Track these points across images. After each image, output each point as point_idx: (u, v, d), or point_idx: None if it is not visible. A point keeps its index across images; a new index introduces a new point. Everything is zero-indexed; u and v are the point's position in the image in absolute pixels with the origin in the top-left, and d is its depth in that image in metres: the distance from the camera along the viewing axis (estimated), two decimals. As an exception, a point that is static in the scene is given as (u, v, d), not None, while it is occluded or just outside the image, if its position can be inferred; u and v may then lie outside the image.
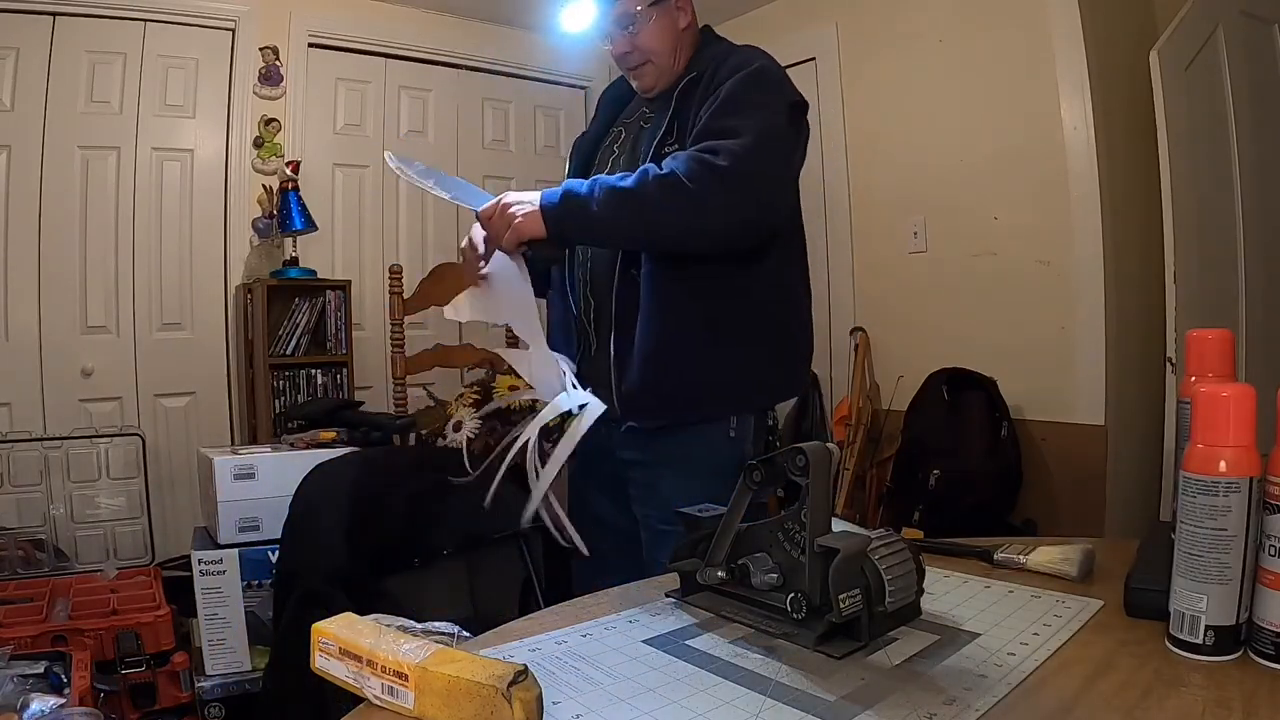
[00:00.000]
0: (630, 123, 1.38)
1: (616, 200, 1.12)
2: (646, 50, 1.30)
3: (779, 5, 3.25)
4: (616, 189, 1.13)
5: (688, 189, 1.10)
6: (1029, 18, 2.45)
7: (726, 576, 0.75)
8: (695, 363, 1.22)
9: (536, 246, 1.16)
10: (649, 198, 1.12)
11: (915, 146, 2.78)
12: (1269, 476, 0.62)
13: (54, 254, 2.65)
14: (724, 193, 1.12)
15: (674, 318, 1.22)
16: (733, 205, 1.13)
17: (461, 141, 3.44)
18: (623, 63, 1.34)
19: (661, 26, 1.29)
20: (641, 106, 1.38)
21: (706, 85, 1.23)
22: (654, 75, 1.33)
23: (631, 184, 1.13)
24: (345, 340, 2.88)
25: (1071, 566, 0.85)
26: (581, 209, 1.14)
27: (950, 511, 2.36)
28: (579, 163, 1.42)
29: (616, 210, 1.13)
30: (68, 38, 2.63)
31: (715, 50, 1.31)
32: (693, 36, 1.35)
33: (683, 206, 1.11)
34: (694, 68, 1.29)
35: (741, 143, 1.12)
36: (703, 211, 1.12)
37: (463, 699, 0.55)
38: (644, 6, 1.27)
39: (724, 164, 1.10)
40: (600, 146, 1.41)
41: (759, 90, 1.19)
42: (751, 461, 0.75)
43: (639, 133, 1.34)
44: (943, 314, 2.74)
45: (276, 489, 1.79)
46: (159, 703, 1.83)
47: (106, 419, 2.66)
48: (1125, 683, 0.60)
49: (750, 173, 1.12)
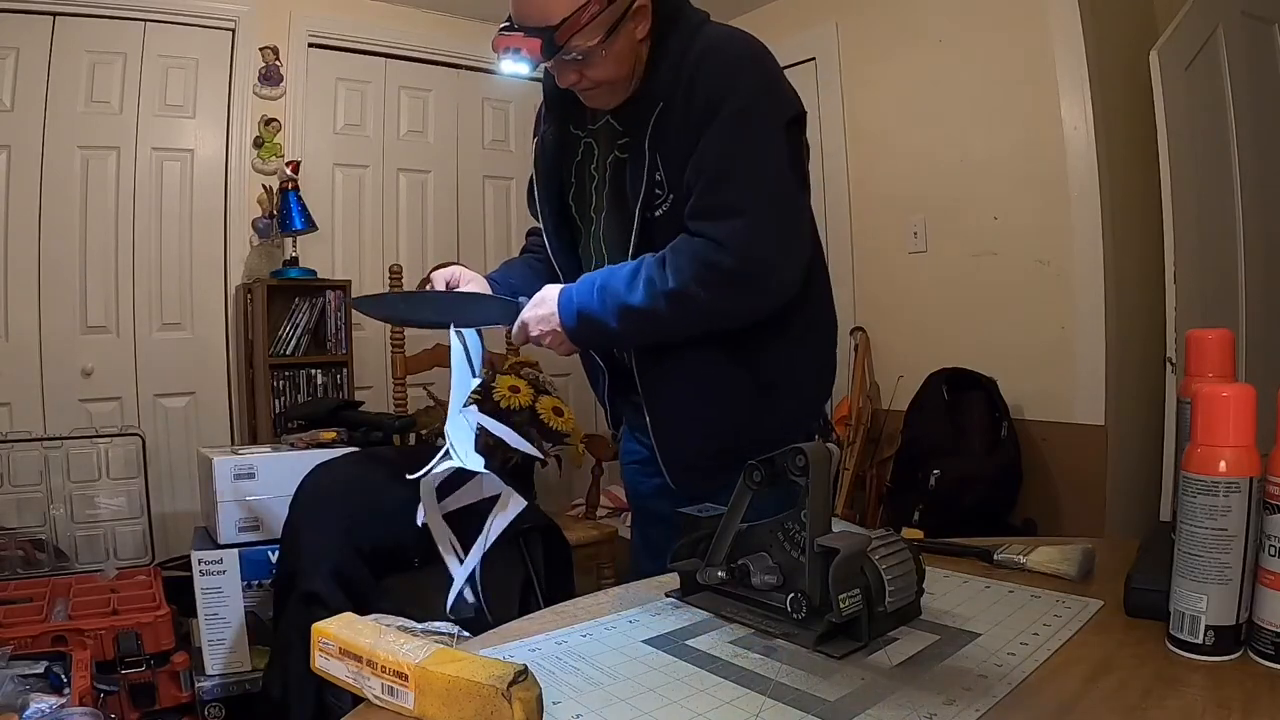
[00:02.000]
0: (597, 133, 1.19)
1: (634, 319, 1.06)
2: (599, 80, 1.09)
3: (779, 5, 3.25)
4: (631, 308, 1.05)
5: (700, 301, 1.03)
6: (1029, 18, 2.44)
7: (726, 576, 0.75)
8: (746, 419, 1.14)
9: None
10: (663, 318, 1.05)
11: (915, 146, 2.78)
12: (1269, 476, 0.62)
13: (54, 254, 2.65)
14: (738, 296, 1.04)
15: (710, 372, 1.13)
16: (752, 303, 1.07)
17: (461, 141, 3.43)
18: (569, 87, 1.12)
19: (617, 54, 1.06)
20: (606, 115, 1.18)
21: (684, 114, 1.05)
22: (607, 97, 1.13)
23: (642, 301, 1.04)
24: (345, 340, 2.88)
25: (1071, 566, 0.85)
26: (602, 329, 1.08)
27: (950, 511, 2.36)
28: (549, 187, 1.25)
29: (637, 328, 1.08)
30: (68, 38, 2.63)
31: (680, 46, 1.08)
32: (651, 33, 1.11)
33: (699, 319, 1.06)
34: (660, 78, 1.08)
35: (747, 226, 1.01)
36: (722, 315, 1.07)
37: (463, 699, 0.55)
38: (596, 42, 1.03)
39: (732, 264, 1.01)
40: (571, 161, 1.23)
41: (750, 131, 1.03)
42: (752, 461, 0.75)
43: (618, 171, 1.15)
44: (943, 314, 2.74)
45: (276, 489, 1.79)
46: (159, 703, 1.83)
47: (106, 419, 2.66)
48: (1125, 683, 0.60)
49: (762, 260, 1.03)
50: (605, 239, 1.19)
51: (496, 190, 3.51)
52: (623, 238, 1.15)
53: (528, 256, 1.37)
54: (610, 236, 1.18)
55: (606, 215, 1.19)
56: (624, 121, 1.14)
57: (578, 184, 1.23)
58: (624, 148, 1.15)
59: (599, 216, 1.20)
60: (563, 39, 1.02)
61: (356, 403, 2.53)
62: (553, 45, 1.02)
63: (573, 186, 1.24)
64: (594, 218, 1.21)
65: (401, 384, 2.40)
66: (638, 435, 1.34)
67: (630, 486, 1.40)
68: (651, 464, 1.33)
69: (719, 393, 1.14)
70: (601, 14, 1.02)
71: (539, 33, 1.02)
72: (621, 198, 1.15)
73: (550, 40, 1.02)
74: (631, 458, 1.38)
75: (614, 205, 1.17)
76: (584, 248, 1.24)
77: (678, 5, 1.13)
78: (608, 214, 1.18)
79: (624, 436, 1.39)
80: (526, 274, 1.30)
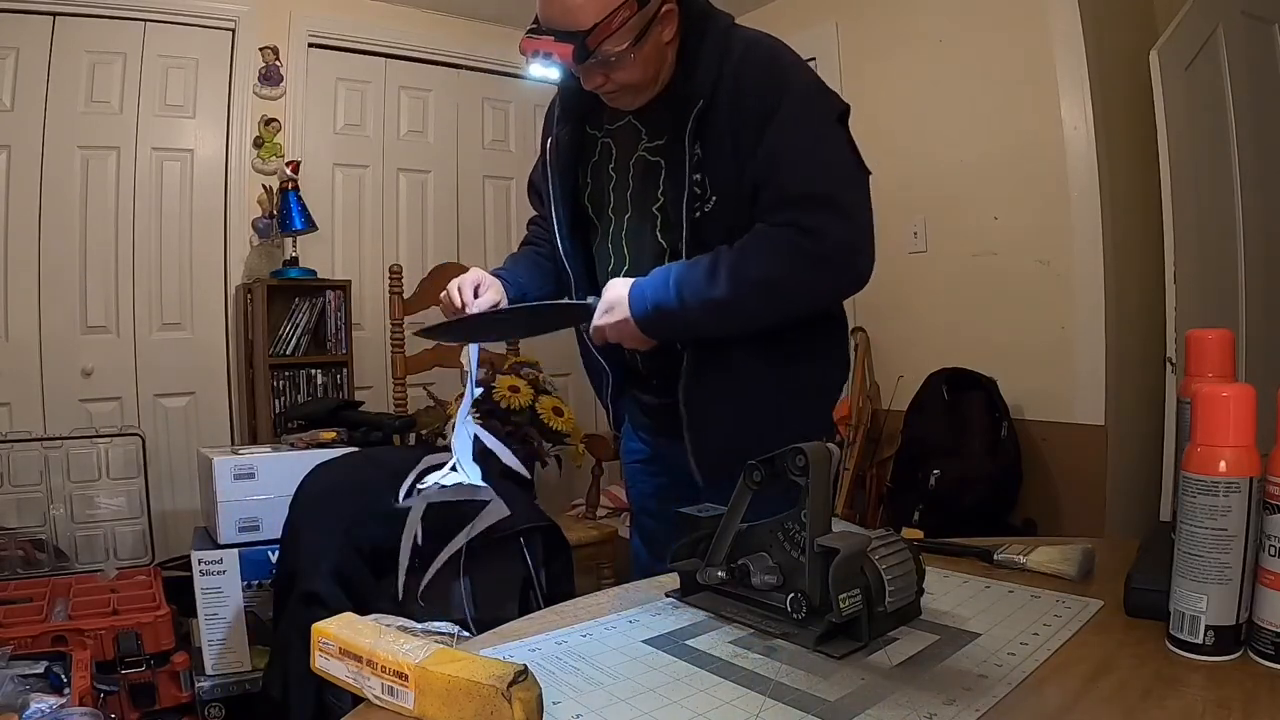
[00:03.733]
0: (616, 133, 1.19)
1: (716, 310, 1.04)
2: (625, 83, 1.09)
3: (779, 5, 3.25)
4: (714, 300, 1.03)
5: (790, 288, 1.04)
6: (1029, 18, 2.44)
7: (726, 576, 0.75)
8: (783, 417, 1.16)
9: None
10: (748, 307, 1.05)
11: (915, 146, 2.78)
12: (1269, 476, 0.62)
13: (54, 254, 2.65)
14: (827, 280, 1.06)
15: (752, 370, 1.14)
16: (839, 286, 1.09)
17: (461, 141, 3.43)
18: (594, 89, 1.12)
19: (645, 57, 1.06)
20: (627, 115, 1.18)
21: (731, 112, 1.05)
22: (631, 98, 1.13)
23: (726, 292, 1.03)
24: (345, 340, 2.88)
25: (1071, 566, 0.85)
26: (678, 320, 1.06)
27: (950, 511, 2.36)
28: (564, 186, 1.23)
29: (717, 319, 1.06)
30: (68, 38, 2.63)
31: (716, 47, 1.08)
32: (677, 38, 1.11)
33: (786, 305, 1.07)
34: (697, 78, 1.07)
35: (831, 212, 1.02)
36: (810, 300, 1.08)
37: (463, 699, 0.55)
38: (626, 46, 1.03)
39: (821, 250, 1.02)
40: (588, 161, 1.23)
41: (814, 124, 1.06)
42: (751, 461, 0.75)
43: (645, 171, 1.15)
44: (943, 314, 2.74)
45: (276, 489, 1.79)
46: (159, 703, 1.83)
47: (106, 419, 2.66)
48: (1125, 683, 0.60)
49: (849, 244, 1.04)
50: (627, 238, 1.19)
51: (496, 190, 3.51)
52: (649, 237, 1.15)
53: (530, 250, 1.36)
54: (634, 236, 1.18)
55: (630, 216, 1.18)
56: (652, 122, 1.14)
57: (594, 184, 1.23)
58: (654, 150, 1.14)
59: (619, 217, 1.20)
60: (594, 44, 1.02)
61: (356, 403, 2.53)
62: (584, 50, 1.02)
63: (589, 186, 1.23)
64: (612, 218, 1.21)
65: (401, 384, 2.40)
66: (640, 434, 1.34)
67: (632, 485, 1.40)
68: (654, 463, 1.33)
69: (760, 392, 1.15)
70: (632, 19, 1.02)
71: (570, 37, 1.02)
72: (648, 198, 1.15)
73: (582, 45, 1.02)
74: (633, 457, 1.38)
75: (639, 205, 1.17)
76: (599, 246, 1.24)
77: (705, 8, 1.13)
78: (631, 215, 1.18)
79: (625, 435, 1.39)
80: (533, 270, 1.30)
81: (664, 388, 1.20)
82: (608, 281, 1.14)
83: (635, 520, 1.43)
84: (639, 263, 1.17)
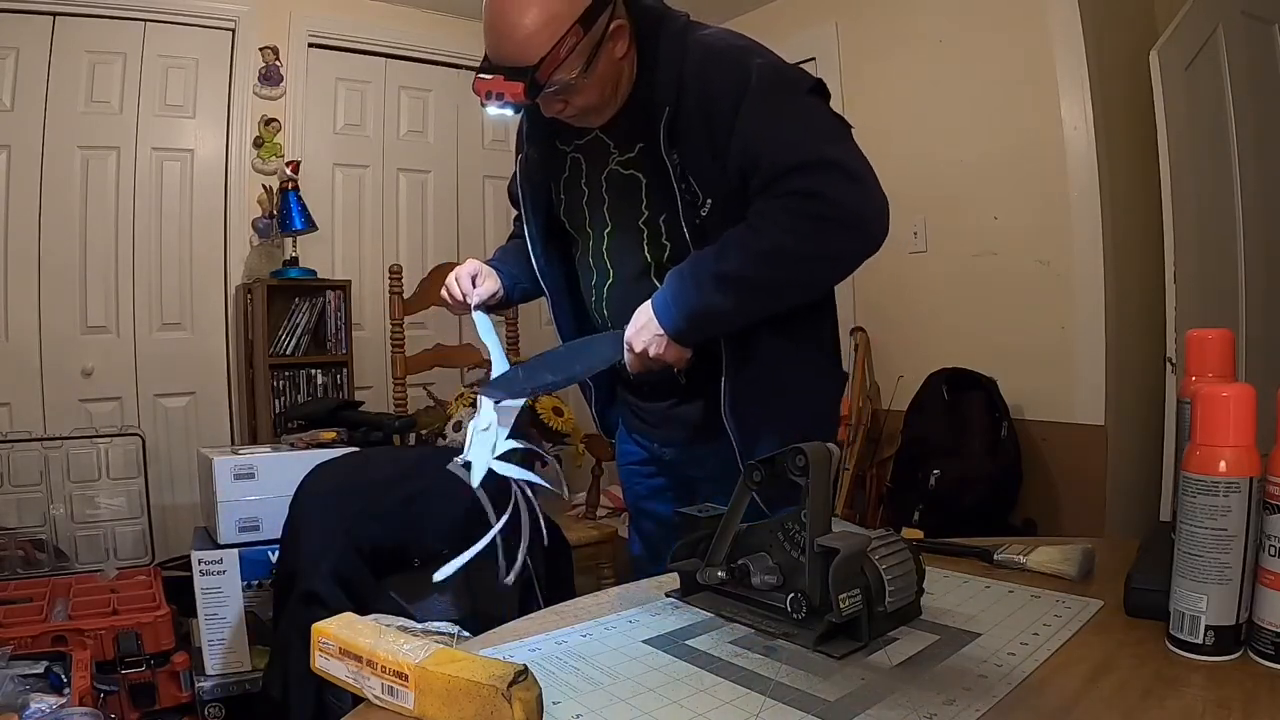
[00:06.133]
0: (585, 148, 1.17)
1: (734, 289, 1.03)
2: (584, 106, 1.06)
3: (779, 5, 3.25)
4: (727, 280, 1.02)
5: (801, 251, 1.01)
6: (1029, 18, 2.44)
7: (726, 576, 0.75)
8: (811, 394, 1.18)
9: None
10: (765, 279, 1.03)
11: (915, 146, 2.78)
12: (1269, 476, 0.62)
13: (54, 254, 2.65)
14: (836, 239, 1.03)
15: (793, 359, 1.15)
16: (851, 245, 1.06)
17: (461, 141, 3.44)
18: (555, 115, 1.09)
19: (600, 77, 1.04)
20: (594, 130, 1.15)
21: (697, 112, 1.03)
22: (594, 117, 1.11)
23: (740, 268, 1.01)
24: (345, 340, 2.88)
25: (1071, 566, 0.85)
26: (706, 313, 1.04)
27: (950, 511, 2.36)
28: (536, 202, 1.23)
29: (739, 299, 1.03)
30: (68, 38, 2.63)
31: (672, 52, 1.06)
32: (632, 49, 1.08)
33: (802, 272, 1.05)
34: (658, 85, 1.06)
35: (826, 171, 1.00)
36: (825, 262, 1.07)
37: (463, 699, 0.55)
38: (577, 74, 1.01)
39: (824, 209, 1.00)
40: (559, 177, 1.21)
41: (784, 97, 1.03)
42: (752, 461, 0.75)
43: (623, 186, 1.13)
44: (943, 314, 2.73)
45: (276, 489, 1.79)
46: (159, 703, 1.83)
47: (106, 419, 2.67)
48: (1125, 683, 0.60)
49: (853, 200, 1.02)
50: (610, 253, 1.18)
51: (496, 190, 3.51)
52: (634, 252, 1.14)
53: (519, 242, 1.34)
54: (617, 251, 1.17)
55: (610, 231, 1.16)
56: (619, 135, 1.12)
57: (568, 199, 1.21)
58: (627, 163, 1.12)
59: (599, 231, 1.18)
60: (544, 77, 0.99)
61: (356, 403, 2.53)
62: (535, 85, 0.99)
63: (562, 202, 1.22)
64: (590, 233, 1.19)
65: (401, 384, 2.40)
66: (635, 437, 1.34)
67: (628, 488, 1.40)
68: (649, 464, 1.33)
69: (801, 382, 1.17)
70: (579, 44, 0.99)
71: (519, 74, 0.99)
72: (631, 213, 1.13)
73: (533, 81, 0.99)
74: (628, 459, 1.38)
75: (620, 220, 1.15)
76: (581, 260, 1.23)
77: (658, 14, 1.10)
78: (612, 230, 1.16)
79: (620, 438, 1.39)
80: (523, 261, 1.29)
81: (656, 393, 1.20)
82: (590, 294, 1.14)
83: (633, 522, 1.43)
84: (623, 277, 1.16)
